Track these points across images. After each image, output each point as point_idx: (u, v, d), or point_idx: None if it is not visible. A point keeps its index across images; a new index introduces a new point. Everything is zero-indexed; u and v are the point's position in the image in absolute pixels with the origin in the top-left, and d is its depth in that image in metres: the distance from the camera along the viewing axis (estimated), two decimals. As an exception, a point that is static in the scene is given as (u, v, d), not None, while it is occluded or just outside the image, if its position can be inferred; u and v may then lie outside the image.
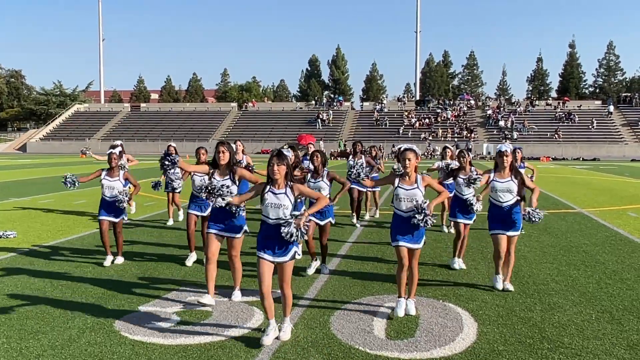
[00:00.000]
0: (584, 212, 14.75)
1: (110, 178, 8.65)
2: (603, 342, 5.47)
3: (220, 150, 6.46)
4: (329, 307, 6.51)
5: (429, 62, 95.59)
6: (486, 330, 5.77)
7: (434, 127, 64.47)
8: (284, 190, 5.36)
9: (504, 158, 7.21)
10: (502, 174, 7.26)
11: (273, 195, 5.35)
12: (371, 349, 5.28)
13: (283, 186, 5.38)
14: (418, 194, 6.07)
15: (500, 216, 7.21)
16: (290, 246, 5.34)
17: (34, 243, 10.25)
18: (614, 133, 61.19)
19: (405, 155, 6.08)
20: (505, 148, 7.29)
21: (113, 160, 8.66)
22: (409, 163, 6.06)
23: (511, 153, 7.25)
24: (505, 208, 7.20)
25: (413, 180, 6.11)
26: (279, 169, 5.32)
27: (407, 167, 6.07)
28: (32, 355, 5.09)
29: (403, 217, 6.12)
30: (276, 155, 5.36)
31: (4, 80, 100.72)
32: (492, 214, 7.33)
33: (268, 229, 5.38)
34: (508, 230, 7.21)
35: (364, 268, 8.46)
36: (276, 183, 5.38)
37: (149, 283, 7.54)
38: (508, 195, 7.19)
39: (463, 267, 8.49)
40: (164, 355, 5.11)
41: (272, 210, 5.35)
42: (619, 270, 8.36)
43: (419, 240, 6.16)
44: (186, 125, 71.24)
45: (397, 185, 6.15)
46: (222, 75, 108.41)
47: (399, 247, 6.13)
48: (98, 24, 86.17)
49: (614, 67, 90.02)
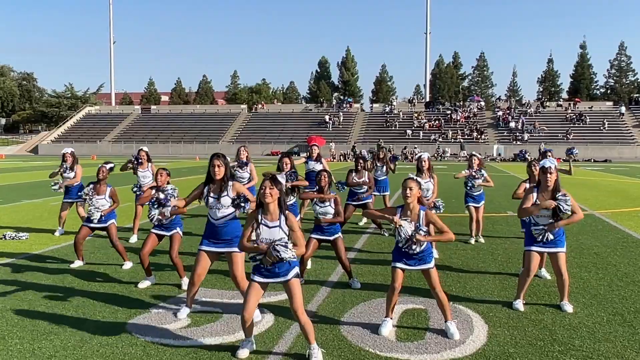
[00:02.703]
0: (596, 213, 14.66)
1: (97, 196, 8.52)
2: (614, 344, 5.44)
3: (216, 165, 5.98)
4: (339, 309, 6.52)
5: (439, 64, 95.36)
6: (497, 333, 5.76)
7: (444, 128, 64.30)
8: (278, 223, 4.96)
9: (547, 176, 6.29)
10: (545, 194, 6.36)
11: (267, 228, 4.95)
12: (381, 351, 5.28)
13: (277, 217, 4.98)
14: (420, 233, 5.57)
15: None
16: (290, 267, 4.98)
17: (46, 245, 10.33)
18: (626, 134, 60.75)
19: (406, 185, 5.54)
20: (550, 164, 6.30)
21: (101, 173, 8.61)
22: (410, 193, 5.51)
23: (556, 170, 6.34)
24: (546, 225, 6.43)
25: (415, 217, 5.57)
26: (271, 192, 4.92)
27: (409, 198, 5.52)
28: (45, 355, 5.13)
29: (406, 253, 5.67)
30: (270, 179, 4.96)
31: (16, 83, 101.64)
32: (530, 230, 6.57)
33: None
34: (549, 248, 6.47)
35: (374, 271, 8.46)
36: (268, 212, 4.97)
37: (160, 285, 7.57)
38: (550, 217, 6.39)
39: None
40: (175, 356, 5.13)
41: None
42: (631, 272, 8.31)
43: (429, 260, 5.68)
44: (196, 127, 71.48)
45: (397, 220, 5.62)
46: (232, 77, 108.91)
47: (395, 268, 5.74)
48: (109, 27, 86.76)
49: (625, 68, 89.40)
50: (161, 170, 7.45)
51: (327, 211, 7.48)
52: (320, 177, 7.55)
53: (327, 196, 7.46)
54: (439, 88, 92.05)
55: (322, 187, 7.52)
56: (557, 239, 6.45)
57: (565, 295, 6.57)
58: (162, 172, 7.39)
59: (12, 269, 8.42)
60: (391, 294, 5.81)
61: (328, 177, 7.62)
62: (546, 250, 6.51)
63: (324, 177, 7.54)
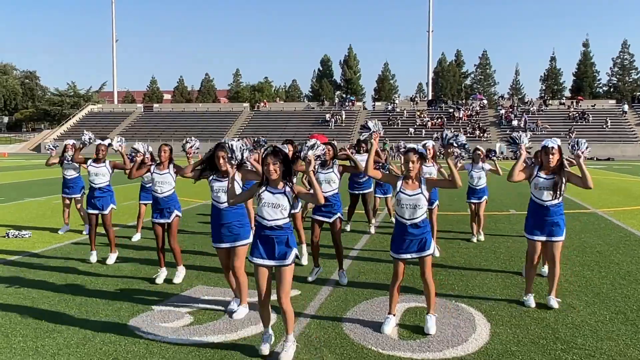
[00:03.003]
0: (598, 212, 14.64)
1: (96, 164, 8.86)
2: (617, 343, 5.43)
3: (220, 156, 6.17)
4: (342, 307, 6.52)
5: (441, 62, 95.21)
6: (499, 331, 5.75)
7: (446, 126, 64.24)
8: (283, 190, 4.93)
9: (550, 156, 6.33)
10: (547, 171, 6.41)
11: (270, 194, 4.91)
12: (384, 349, 5.28)
13: (282, 185, 4.95)
14: (422, 200, 5.55)
15: (541, 217, 6.42)
16: (289, 250, 4.96)
17: (48, 243, 10.35)
18: (629, 132, 60.62)
19: (408, 157, 5.57)
20: (552, 144, 6.40)
21: (101, 151, 8.85)
22: (412, 166, 5.54)
23: (559, 150, 6.40)
24: (547, 207, 6.38)
25: (417, 185, 5.59)
26: (275, 168, 4.87)
27: (411, 170, 5.55)
28: (48, 353, 5.15)
29: (406, 224, 5.61)
30: (271, 153, 4.90)
31: (19, 81, 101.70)
32: (531, 214, 6.53)
33: (264, 231, 4.97)
34: (548, 235, 6.41)
35: (376, 269, 8.46)
36: (273, 182, 4.95)
37: (163, 283, 7.58)
38: (552, 194, 6.35)
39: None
40: (178, 354, 5.14)
41: (270, 211, 4.91)
42: (634, 270, 8.30)
43: (428, 247, 5.62)
44: (199, 125, 71.48)
45: (399, 189, 5.62)
46: (235, 76, 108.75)
47: (397, 260, 5.69)
48: (111, 25, 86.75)
49: (628, 66, 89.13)
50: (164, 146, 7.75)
51: (330, 178, 7.56)
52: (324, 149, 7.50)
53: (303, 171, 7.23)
54: (441, 86, 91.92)
55: (326, 160, 7.56)
56: (557, 225, 6.39)
57: (554, 289, 6.53)
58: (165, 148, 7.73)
59: (15, 267, 8.44)
60: (394, 285, 5.78)
61: (332, 149, 7.70)
62: (545, 239, 6.43)
63: (328, 151, 7.55)
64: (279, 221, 4.92)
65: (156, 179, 7.62)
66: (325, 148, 7.56)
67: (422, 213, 5.61)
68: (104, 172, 8.83)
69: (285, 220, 4.95)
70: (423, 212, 5.61)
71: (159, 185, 7.56)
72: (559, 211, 6.42)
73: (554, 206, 6.38)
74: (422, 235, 5.62)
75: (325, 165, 7.65)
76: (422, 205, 5.57)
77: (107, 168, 8.85)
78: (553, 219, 6.38)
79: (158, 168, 7.66)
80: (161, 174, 7.60)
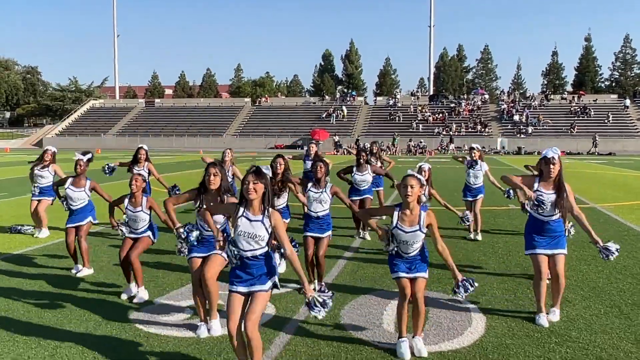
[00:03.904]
0: (598, 207, 14.70)
1: (75, 188, 8.07)
2: (611, 336, 5.52)
3: (211, 173, 5.60)
4: (339, 301, 6.60)
5: (443, 57, 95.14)
6: (494, 325, 5.84)
7: (447, 121, 64.23)
8: (261, 218, 4.46)
9: (550, 167, 6.00)
10: (547, 184, 6.06)
11: (247, 222, 4.46)
12: (380, 342, 5.37)
13: (259, 212, 4.48)
14: (419, 236, 5.15)
15: (542, 231, 6.11)
16: (272, 275, 4.54)
17: (51, 238, 10.45)
18: (630, 127, 60.57)
19: (406, 182, 5.09)
20: (552, 154, 6.04)
21: (79, 167, 8.07)
22: (411, 191, 5.07)
23: (559, 160, 6.06)
24: (548, 222, 6.09)
25: (415, 219, 5.14)
26: (255, 187, 4.41)
27: (409, 196, 5.07)
28: (50, 346, 5.24)
29: (402, 256, 5.26)
30: (254, 172, 4.46)
31: (20, 77, 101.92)
32: (531, 229, 6.21)
33: (242, 262, 4.49)
34: (551, 249, 6.09)
35: (373, 264, 8.54)
36: (251, 207, 4.48)
37: (163, 277, 7.68)
38: (552, 209, 6.04)
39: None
40: (178, 347, 5.24)
41: (245, 241, 4.44)
42: (630, 265, 8.38)
43: (423, 269, 5.28)
44: (200, 120, 71.58)
45: (395, 225, 5.18)
46: (236, 71, 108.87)
47: (399, 279, 5.23)
48: (113, 20, 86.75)
49: (630, 61, 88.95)
50: (136, 176, 6.98)
51: (322, 198, 7.13)
52: (316, 167, 7.24)
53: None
54: (443, 81, 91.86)
55: (319, 178, 7.18)
56: (558, 239, 6.11)
57: (558, 302, 6.20)
58: (137, 177, 6.95)
59: (18, 262, 8.54)
60: (402, 305, 5.26)
61: (325, 167, 7.27)
62: (548, 252, 6.06)
63: (319, 168, 7.20)
64: (257, 251, 4.47)
65: (130, 216, 6.92)
66: (317, 165, 7.26)
67: (419, 247, 5.26)
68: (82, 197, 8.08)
69: (264, 249, 4.49)
70: (419, 246, 5.27)
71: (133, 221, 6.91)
72: (559, 226, 6.14)
73: (554, 222, 6.10)
74: (416, 261, 5.29)
75: (318, 184, 7.22)
76: (419, 240, 5.20)
77: (86, 192, 8.09)
78: (555, 233, 6.10)
79: (131, 203, 6.93)
80: (134, 212, 6.89)
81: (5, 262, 8.53)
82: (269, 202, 4.52)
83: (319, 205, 7.13)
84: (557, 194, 5.99)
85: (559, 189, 5.99)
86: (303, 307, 6.36)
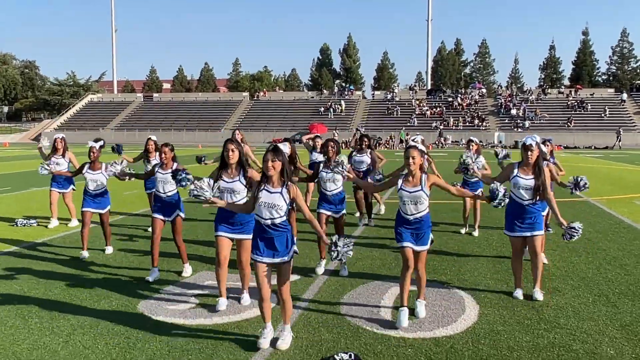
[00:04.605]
0: (591, 200, 14.97)
1: (93, 171, 8.81)
2: (597, 323, 5.79)
3: (230, 149, 6.09)
4: (339, 291, 6.88)
5: (440, 50, 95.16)
6: (487, 312, 6.11)
7: (445, 115, 64.45)
8: (280, 190, 5.05)
9: (528, 153, 6.51)
10: (527, 169, 6.59)
11: (267, 193, 5.06)
12: (378, 329, 5.64)
13: (279, 185, 5.07)
14: (422, 196, 5.76)
15: (520, 215, 6.63)
16: (291, 246, 5.17)
17: (56, 231, 10.70)
18: (627, 121, 60.85)
19: (409, 154, 5.74)
20: (531, 141, 6.54)
21: (92, 154, 8.78)
22: (413, 161, 5.72)
23: (537, 147, 6.56)
24: (526, 207, 6.60)
25: (417, 181, 5.78)
26: (273, 164, 5.01)
27: (411, 166, 5.73)
28: (64, 333, 5.50)
29: (408, 219, 5.85)
30: (272, 150, 5.05)
31: (18, 71, 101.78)
32: (510, 212, 6.73)
33: (262, 230, 5.12)
34: (527, 231, 6.63)
35: (372, 255, 8.81)
36: (271, 180, 5.08)
37: (170, 268, 7.93)
38: (530, 194, 6.56)
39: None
40: (186, 334, 5.50)
41: (266, 210, 5.05)
42: (619, 256, 8.66)
43: (425, 242, 5.89)
44: (198, 114, 71.70)
45: (399, 187, 5.84)
46: (234, 65, 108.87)
47: (404, 248, 5.85)
48: (111, 15, 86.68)
49: (627, 55, 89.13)
50: (165, 147, 7.58)
51: (334, 177, 7.69)
52: (327, 147, 7.86)
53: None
54: (440, 75, 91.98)
55: (330, 156, 7.81)
56: (535, 222, 6.60)
57: (538, 282, 6.68)
58: (165, 149, 7.56)
59: (26, 255, 8.79)
60: (405, 274, 5.85)
61: (336, 146, 7.88)
62: (524, 235, 6.64)
63: (331, 147, 7.82)
64: (276, 220, 5.05)
65: (159, 178, 7.52)
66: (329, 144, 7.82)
67: (424, 208, 5.80)
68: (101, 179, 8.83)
69: (283, 219, 5.08)
70: (425, 207, 5.81)
71: (162, 184, 7.51)
72: (537, 209, 6.63)
73: (532, 205, 6.59)
74: (422, 230, 5.84)
75: (329, 163, 7.74)
76: (423, 201, 5.77)
77: (103, 174, 8.79)
78: (531, 215, 6.60)
79: (162, 168, 7.54)
80: (164, 174, 7.48)
81: (21, 252, 8.80)
82: (288, 176, 5.10)
83: (332, 184, 7.77)
84: (535, 179, 6.51)
85: (537, 175, 6.50)
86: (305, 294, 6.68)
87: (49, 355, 5.00)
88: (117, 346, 5.20)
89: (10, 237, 10.16)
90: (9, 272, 7.75)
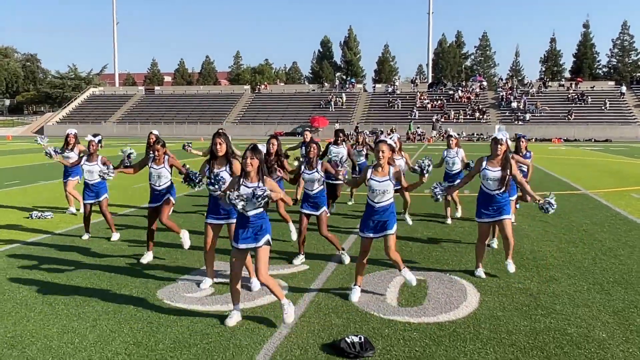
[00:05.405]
0: (589, 193, 15.32)
1: (89, 163, 9.62)
2: (591, 309, 6.16)
3: (217, 142, 6.79)
4: (347, 279, 7.24)
5: (441, 43, 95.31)
6: (487, 299, 6.48)
7: (446, 108, 64.70)
8: (257, 184, 5.59)
9: (497, 147, 7.22)
10: (494, 162, 7.29)
11: (246, 188, 5.59)
12: (385, 315, 6.01)
13: (256, 180, 5.62)
14: (390, 186, 6.33)
15: (488, 203, 7.32)
16: (264, 233, 5.65)
17: (71, 223, 11.06)
18: (627, 114, 61.13)
19: (379, 147, 6.35)
20: (501, 137, 7.29)
21: (92, 147, 9.57)
22: (383, 155, 6.33)
23: (506, 142, 7.26)
24: (494, 196, 7.28)
25: (386, 172, 6.36)
26: (251, 162, 5.57)
27: (381, 159, 6.34)
28: (90, 318, 5.86)
29: (375, 208, 6.39)
30: (251, 149, 5.62)
31: (20, 64, 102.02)
32: (480, 201, 7.45)
33: (242, 219, 5.66)
34: (497, 216, 7.30)
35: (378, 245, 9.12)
36: (249, 176, 5.64)
37: (186, 257, 8.30)
38: (497, 184, 7.24)
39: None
40: (203, 320, 5.85)
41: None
42: (615, 247, 9.01)
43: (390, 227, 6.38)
44: (200, 108, 72.03)
45: (369, 177, 6.39)
46: (235, 58, 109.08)
47: (364, 237, 6.49)
48: (112, 8, 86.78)
49: (628, 48, 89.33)
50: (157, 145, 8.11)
51: (313, 178, 8.02)
52: (310, 148, 8.16)
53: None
54: (441, 68, 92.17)
55: (311, 158, 8.09)
56: (502, 208, 7.28)
57: (510, 255, 7.55)
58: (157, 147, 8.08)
59: (45, 246, 9.14)
60: (361, 260, 6.59)
61: (317, 148, 8.19)
62: (492, 220, 7.38)
63: (313, 148, 8.13)
64: (252, 210, 5.59)
65: (153, 173, 8.08)
66: (311, 146, 8.13)
67: (389, 197, 6.41)
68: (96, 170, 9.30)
69: (258, 210, 5.62)
70: (390, 197, 6.41)
71: (157, 179, 8.08)
72: (504, 198, 7.32)
73: (500, 195, 7.30)
74: (387, 217, 6.39)
75: (310, 164, 8.08)
76: (390, 191, 6.38)
77: (99, 165, 9.38)
78: (499, 204, 7.30)
79: (155, 162, 8.08)
80: (157, 169, 8.06)
81: (40, 242, 9.16)
82: (264, 173, 5.68)
83: (313, 184, 8.09)
84: (502, 171, 7.22)
85: (504, 167, 7.21)
86: (315, 283, 7.04)
87: (78, 339, 5.35)
88: (141, 330, 5.57)
89: (28, 227, 10.53)
90: (31, 261, 8.12)
